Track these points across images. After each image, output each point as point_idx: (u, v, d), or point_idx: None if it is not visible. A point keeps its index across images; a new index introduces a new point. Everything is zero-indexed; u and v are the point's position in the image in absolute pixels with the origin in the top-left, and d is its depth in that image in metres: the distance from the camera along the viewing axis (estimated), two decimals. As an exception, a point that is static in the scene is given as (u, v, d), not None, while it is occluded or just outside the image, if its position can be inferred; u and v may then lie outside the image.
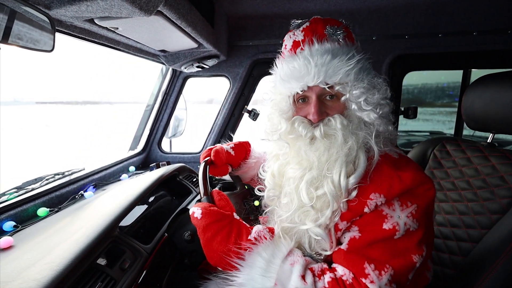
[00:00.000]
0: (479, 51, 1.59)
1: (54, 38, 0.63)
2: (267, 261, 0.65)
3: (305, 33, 0.72)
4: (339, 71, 0.66)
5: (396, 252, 0.64)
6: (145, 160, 1.88)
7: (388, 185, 0.64)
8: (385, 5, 1.51)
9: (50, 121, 18.83)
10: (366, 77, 0.70)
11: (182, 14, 0.83)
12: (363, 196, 0.66)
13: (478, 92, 1.01)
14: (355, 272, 0.64)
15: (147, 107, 1.88)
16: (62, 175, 1.17)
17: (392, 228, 0.63)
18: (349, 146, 0.67)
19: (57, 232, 0.80)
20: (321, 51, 0.68)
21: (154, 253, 0.86)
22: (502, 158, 0.94)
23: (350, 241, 0.67)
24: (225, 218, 0.72)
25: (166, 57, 1.41)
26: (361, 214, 0.66)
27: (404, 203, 0.65)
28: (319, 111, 0.69)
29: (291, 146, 0.74)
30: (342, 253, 0.67)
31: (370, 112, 0.67)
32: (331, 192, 0.66)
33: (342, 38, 0.71)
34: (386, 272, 0.62)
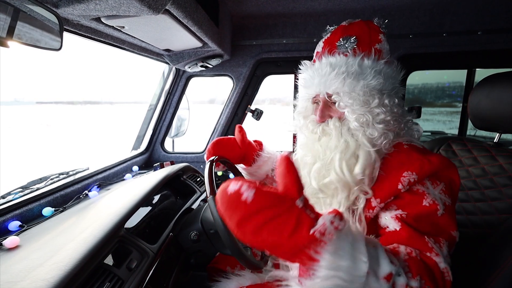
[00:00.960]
0: (483, 51, 1.59)
1: (62, 36, 0.63)
2: (351, 244, 0.54)
3: (324, 45, 0.85)
4: (334, 83, 0.77)
5: (440, 229, 0.69)
6: (148, 159, 1.88)
7: (420, 165, 0.71)
8: (389, 4, 1.50)
9: (50, 121, 18.84)
10: (364, 88, 0.76)
11: (188, 12, 0.83)
12: (396, 174, 0.72)
13: (485, 92, 1.00)
14: (419, 247, 0.65)
15: (150, 106, 1.88)
16: (67, 175, 1.17)
17: (433, 204, 0.68)
18: (344, 141, 0.77)
19: (64, 231, 0.79)
20: (324, 64, 0.79)
21: (160, 253, 0.86)
22: (510, 158, 0.94)
23: (397, 218, 0.70)
24: (283, 202, 0.52)
25: (170, 57, 1.41)
26: (396, 192, 0.71)
27: (434, 182, 0.71)
28: (321, 114, 0.82)
29: (307, 139, 0.87)
30: (399, 233, 0.68)
31: (353, 121, 0.77)
32: (337, 180, 0.74)
33: (350, 48, 0.79)
34: (443, 244, 0.67)
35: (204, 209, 0.99)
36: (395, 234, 0.68)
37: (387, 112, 0.76)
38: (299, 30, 1.67)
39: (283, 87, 14.81)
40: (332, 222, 0.51)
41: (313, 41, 1.66)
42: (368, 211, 0.74)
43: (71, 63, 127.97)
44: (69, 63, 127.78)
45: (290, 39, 1.68)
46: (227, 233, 0.79)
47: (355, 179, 0.73)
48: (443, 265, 0.62)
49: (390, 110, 0.77)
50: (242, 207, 0.49)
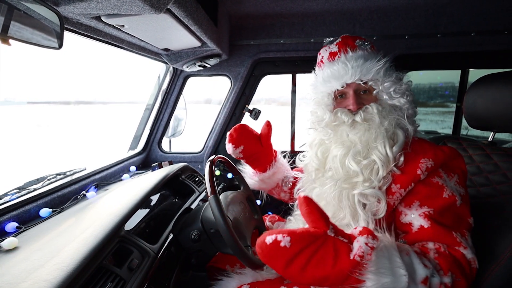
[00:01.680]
0: (477, 52, 1.62)
1: (63, 35, 0.62)
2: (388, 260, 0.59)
3: (339, 46, 0.91)
4: (371, 70, 0.83)
5: (459, 217, 0.75)
6: (145, 160, 1.86)
7: (434, 153, 0.77)
8: (385, 5, 1.52)
9: (42, 121, 18.52)
10: (393, 73, 0.87)
11: (189, 12, 0.83)
12: (412, 162, 0.78)
13: (480, 92, 1.02)
14: (448, 243, 0.71)
15: (147, 106, 1.86)
16: (64, 175, 1.15)
17: (452, 195, 0.74)
18: (385, 127, 0.81)
19: (63, 232, 0.78)
20: (355, 56, 0.86)
21: (161, 253, 0.86)
22: (504, 156, 0.96)
23: (426, 217, 0.73)
24: (317, 238, 0.56)
25: (168, 56, 1.40)
26: (416, 178, 0.75)
27: (449, 174, 0.78)
28: (357, 102, 0.85)
29: (334, 132, 0.89)
30: (428, 231, 0.72)
31: (400, 98, 0.83)
32: (380, 158, 0.78)
33: (369, 47, 0.90)
34: (467, 235, 0.73)
35: (204, 208, 0.99)
36: (425, 231, 0.73)
37: (412, 94, 0.87)
38: (296, 30, 1.68)
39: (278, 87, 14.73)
40: (367, 243, 0.57)
41: (310, 41, 1.67)
42: (389, 197, 0.78)
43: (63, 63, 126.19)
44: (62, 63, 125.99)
45: (288, 39, 1.69)
46: (228, 232, 0.79)
47: (393, 156, 0.79)
48: (470, 256, 0.70)
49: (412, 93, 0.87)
50: (283, 253, 0.54)
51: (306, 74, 1.85)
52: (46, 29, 0.58)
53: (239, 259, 0.82)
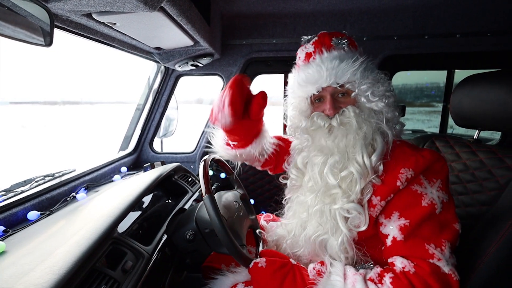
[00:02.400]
0: (462, 53, 1.68)
1: (53, 32, 0.61)
2: None
3: (315, 45, 0.85)
4: (347, 72, 0.79)
5: (441, 226, 0.72)
6: (136, 160, 1.83)
7: (414, 161, 0.74)
8: (375, 6, 1.56)
9: (27, 122, 17.90)
10: (370, 74, 0.81)
11: (183, 10, 0.82)
12: (392, 172, 0.75)
13: (466, 91, 1.06)
14: (420, 256, 0.70)
15: (137, 106, 1.83)
16: (52, 177, 1.12)
17: (431, 204, 0.71)
18: (364, 131, 0.78)
19: (53, 235, 0.76)
20: (330, 58, 0.81)
21: (155, 254, 0.85)
22: (489, 153, 1.00)
23: (401, 229, 0.73)
24: (286, 264, 0.80)
25: (160, 55, 1.38)
26: (395, 189, 0.73)
27: (430, 180, 0.74)
28: (333, 106, 0.82)
29: (312, 138, 0.86)
30: (400, 244, 0.72)
31: (378, 102, 0.79)
32: (357, 170, 0.75)
33: (346, 46, 0.84)
34: (445, 245, 0.70)
35: (198, 208, 0.98)
36: (397, 244, 0.73)
37: (394, 95, 0.82)
38: (288, 30, 1.69)
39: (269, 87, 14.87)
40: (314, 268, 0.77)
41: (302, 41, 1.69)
42: (370, 209, 0.76)
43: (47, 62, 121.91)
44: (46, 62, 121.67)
45: (280, 39, 1.70)
46: (224, 231, 0.79)
47: (372, 167, 0.76)
48: (447, 269, 0.68)
49: (394, 94, 0.83)
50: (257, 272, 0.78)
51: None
52: (35, 26, 0.56)
53: (235, 258, 0.82)
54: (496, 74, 0.98)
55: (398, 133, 0.83)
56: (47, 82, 77.62)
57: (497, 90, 0.93)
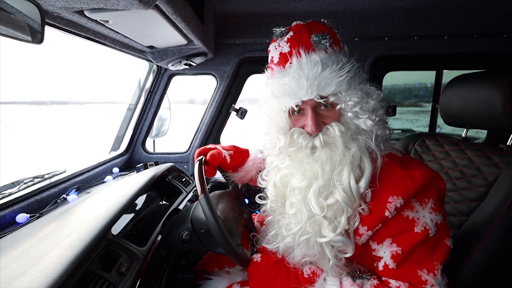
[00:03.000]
0: (450, 54, 1.73)
1: (44, 29, 0.59)
2: None
3: (290, 43, 0.70)
4: (331, 82, 0.66)
5: (434, 246, 0.67)
6: (128, 161, 1.80)
7: (404, 186, 0.66)
8: (367, 7, 1.58)
9: (11, 122, 17.32)
10: (359, 84, 0.70)
11: (177, 9, 0.81)
12: (380, 199, 0.67)
13: (454, 91, 1.09)
14: (413, 281, 0.67)
15: (129, 106, 1.80)
16: (42, 178, 1.09)
17: (424, 230, 0.66)
18: (351, 153, 0.67)
19: (45, 238, 0.74)
20: (310, 63, 0.67)
21: (150, 255, 0.83)
22: (477, 151, 1.03)
23: (393, 257, 0.67)
24: (281, 260, 0.81)
25: (153, 54, 1.36)
26: (383, 219, 0.67)
27: (422, 201, 0.67)
28: (316, 123, 0.69)
29: (293, 158, 0.74)
30: (392, 271, 0.68)
31: (366, 120, 0.68)
32: (343, 199, 0.66)
33: (328, 45, 0.70)
34: (438, 269, 0.66)
35: (193, 208, 0.97)
36: (391, 271, 0.68)
37: (383, 106, 0.71)
38: None
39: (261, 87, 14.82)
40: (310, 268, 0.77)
41: (295, 41, 1.70)
42: (356, 238, 0.71)
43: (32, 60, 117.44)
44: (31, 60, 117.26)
45: None
46: (220, 231, 0.78)
47: (359, 193, 0.67)
48: None
49: (383, 104, 0.72)
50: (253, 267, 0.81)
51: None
52: (26, 23, 0.55)
53: (231, 258, 0.81)
54: (482, 74, 1.01)
55: (386, 141, 0.73)
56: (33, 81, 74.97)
57: (484, 90, 0.96)
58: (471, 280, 0.79)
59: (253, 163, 1.11)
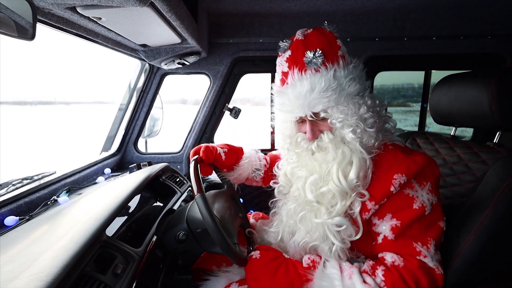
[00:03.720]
0: (438, 54, 1.78)
1: (35, 25, 0.57)
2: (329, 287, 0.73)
3: (289, 64, 0.81)
4: (319, 102, 0.77)
5: (428, 225, 0.78)
6: (120, 161, 1.77)
7: (407, 166, 0.77)
8: (358, 8, 1.61)
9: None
10: (346, 98, 0.78)
11: (172, 6, 0.80)
12: (386, 177, 0.78)
13: (444, 90, 1.12)
14: (408, 253, 0.76)
15: (120, 106, 1.77)
16: (31, 180, 1.06)
17: (422, 207, 0.76)
18: (342, 152, 0.80)
19: (36, 240, 0.72)
20: (300, 86, 0.78)
21: (146, 256, 0.82)
22: (465, 148, 1.07)
23: (392, 229, 0.78)
24: (280, 255, 0.84)
25: (146, 52, 1.34)
26: (389, 194, 0.77)
27: (421, 183, 0.78)
28: (312, 132, 0.84)
29: (298, 156, 0.90)
30: (390, 243, 0.78)
31: (349, 133, 0.79)
32: (335, 189, 0.78)
33: (320, 63, 0.77)
34: (430, 243, 0.77)
35: (189, 208, 0.97)
36: (388, 242, 0.78)
37: (374, 115, 0.80)
38: (275, 30, 1.71)
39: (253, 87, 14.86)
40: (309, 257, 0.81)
41: (288, 41, 1.71)
42: (364, 214, 0.80)
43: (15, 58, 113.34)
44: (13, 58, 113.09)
45: (267, 38, 1.71)
46: (217, 230, 0.78)
47: (351, 185, 0.78)
48: (432, 264, 0.75)
49: (375, 111, 0.81)
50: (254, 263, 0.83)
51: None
52: (17, 18, 0.53)
53: (228, 257, 0.81)
54: (470, 75, 1.04)
55: (391, 137, 0.86)
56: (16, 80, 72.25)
57: (472, 89, 0.99)
58: (462, 274, 0.81)
59: (248, 160, 1.13)
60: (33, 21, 0.57)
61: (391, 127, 0.88)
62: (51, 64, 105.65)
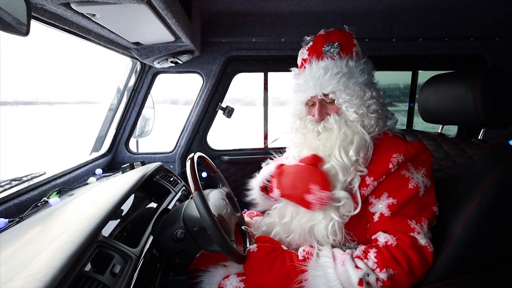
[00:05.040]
0: (424, 55, 1.84)
1: (30, 21, 0.56)
2: (323, 276, 0.78)
3: (309, 52, 0.94)
4: (330, 83, 0.87)
5: (423, 206, 0.84)
6: (111, 161, 1.74)
7: (405, 148, 0.85)
8: (349, 10, 1.65)
9: (-29, 124, 15.89)
10: (354, 85, 0.89)
11: (168, 4, 0.80)
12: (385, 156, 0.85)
13: (431, 90, 1.17)
14: (402, 230, 0.81)
15: (110, 106, 1.74)
16: (20, 181, 1.03)
17: (416, 187, 0.83)
18: (344, 133, 0.88)
19: (30, 242, 0.70)
20: (317, 68, 0.89)
21: (143, 256, 0.82)
22: (452, 145, 1.11)
23: (389, 207, 0.84)
24: (277, 248, 0.88)
25: (138, 51, 1.32)
26: (387, 171, 0.84)
27: (417, 167, 0.86)
28: (320, 113, 0.92)
29: (304, 137, 0.97)
30: (386, 220, 0.84)
31: (353, 113, 0.88)
32: (337, 164, 0.86)
33: (336, 53, 0.90)
34: (424, 222, 0.83)
35: (186, 207, 0.97)
36: (384, 219, 0.84)
37: (377, 103, 0.90)
38: (267, 30, 1.72)
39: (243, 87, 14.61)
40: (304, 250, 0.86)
41: (281, 40, 1.73)
42: (363, 189, 0.86)
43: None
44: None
45: (260, 38, 1.72)
46: (216, 227, 0.79)
47: (351, 161, 0.85)
48: (423, 241, 0.81)
49: (378, 101, 0.91)
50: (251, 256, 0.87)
51: (278, 73, 1.90)
52: (11, 14, 0.52)
53: (226, 254, 0.82)
54: (456, 75, 1.09)
55: (391, 128, 0.96)
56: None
57: (458, 89, 1.04)
58: (450, 265, 0.85)
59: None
60: (27, 16, 0.55)
61: (392, 124, 0.98)
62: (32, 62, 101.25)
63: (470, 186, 0.92)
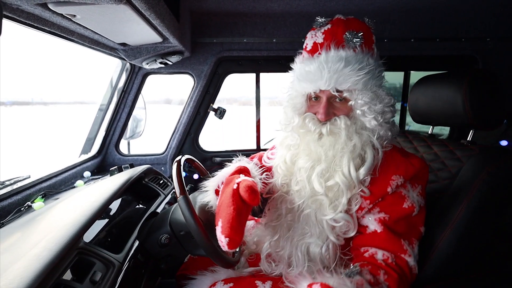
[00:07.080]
0: (416, 56, 1.84)
1: (1, 21, 0.54)
2: None
3: (325, 36, 0.77)
4: (349, 79, 0.72)
5: (412, 226, 0.77)
6: (100, 164, 1.71)
7: (405, 168, 0.76)
8: (340, 10, 1.64)
9: (-37, 125, 15.66)
10: (374, 86, 0.76)
11: (151, 5, 0.78)
12: (384, 178, 0.76)
13: (421, 91, 1.16)
14: (396, 250, 0.74)
15: (100, 106, 1.71)
16: (2, 185, 1.00)
17: (411, 206, 0.76)
18: (353, 143, 0.75)
19: (8, 249, 0.68)
20: (335, 58, 0.73)
21: (127, 262, 0.80)
22: (441, 146, 1.11)
23: (380, 221, 0.76)
24: None
25: (126, 52, 1.30)
26: (384, 194, 0.76)
27: (414, 185, 0.78)
28: (326, 112, 0.76)
29: (301, 139, 0.82)
30: (380, 235, 0.75)
31: (372, 120, 0.75)
32: (343, 182, 0.74)
33: (359, 44, 0.75)
34: (415, 244, 0.77)
35: (173, 211, 0.95)
36: (375, 235, 0.75)
37: (392, 111, 0.78)
38: (258, 30, 1.71)
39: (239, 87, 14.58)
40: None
41: (272, 41, 1.71)
42: (358, 212, 0.78)
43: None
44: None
45: (251, 38, 1.71)
46: (200, 232, 0.77)
47: (359, 179, 0.74)
48: (412, 263, 0.74)
49: (393, 109, 0.79)
50: None
51: (269, 74, 1.89)
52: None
53: (212, 259, 0.80)
54: (445, 75, 1.09)
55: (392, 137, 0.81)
56: (-11, 80, 66.64)
57: (446, 90, 1.04)
58: (437, 267, 0.84)
59: None
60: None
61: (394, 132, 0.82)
62: (28, 62, 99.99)
63: (458, 188, 0.92)
